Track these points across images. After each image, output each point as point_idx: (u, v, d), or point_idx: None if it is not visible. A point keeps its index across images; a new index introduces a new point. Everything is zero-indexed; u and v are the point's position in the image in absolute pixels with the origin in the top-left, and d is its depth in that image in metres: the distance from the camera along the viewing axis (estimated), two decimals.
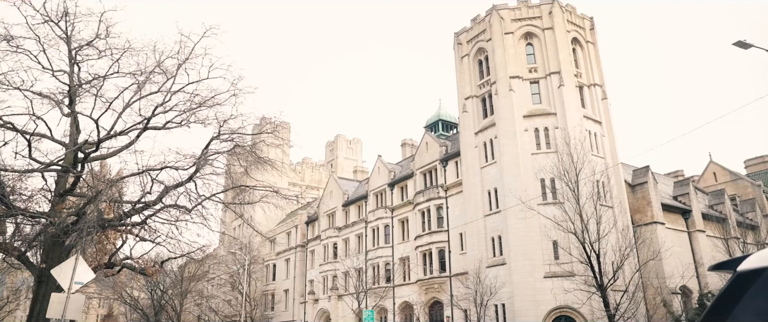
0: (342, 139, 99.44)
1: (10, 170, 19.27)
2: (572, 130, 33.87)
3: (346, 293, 47.42)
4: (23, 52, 18.37)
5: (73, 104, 19.52)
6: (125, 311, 78.80)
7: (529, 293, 32.78)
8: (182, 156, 20.87)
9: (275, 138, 23.81)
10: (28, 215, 19.10)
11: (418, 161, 46.16)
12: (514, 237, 34.36)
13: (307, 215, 61.93)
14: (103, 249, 22.72)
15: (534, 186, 34.34)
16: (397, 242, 46.23)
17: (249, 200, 24.05)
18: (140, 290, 65.50)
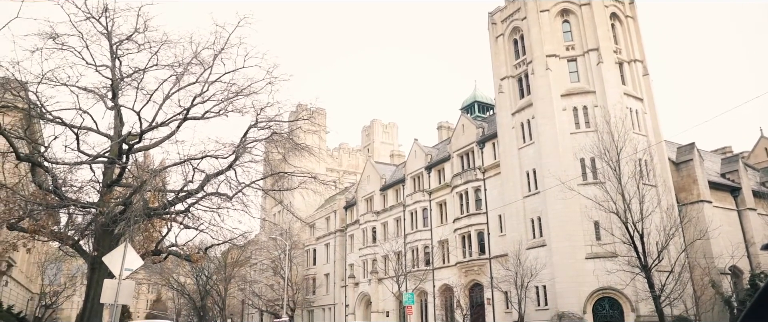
0: (378, 124, 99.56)
1: (61, 163, 20.07)
2: (612, 108, 33.01)
3: (385, 276, 47.82)
4: (68, 49, 19.00)
5: (116, 97, 20.13)
6: (173, 296, 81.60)
7: (571, 275, 32.38)
8: (222, 145, 21.35)
9: (312, 124, 24.05)
10: (80, 206, 19.88)
11: (455, 143, 45.87)
12: (554, 218, 33.91)
13: (345, 199, 62.48)
14: (149, 237, 23.51)
15: (573, 166, 33.72)
16: (436, 225, 46.24)
17: (288, 187, 24.41)
18: (186, 275, 67.65)
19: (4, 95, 18.00)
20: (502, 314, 37.41)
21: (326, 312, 60.25)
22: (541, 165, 35.32)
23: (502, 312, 37.51)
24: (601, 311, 31.98)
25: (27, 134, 20.73)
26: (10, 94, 18.15)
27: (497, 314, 37.95)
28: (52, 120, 18.98)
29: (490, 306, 38.55)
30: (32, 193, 20.14)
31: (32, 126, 23.37)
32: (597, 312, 32.03)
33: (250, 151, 21.97)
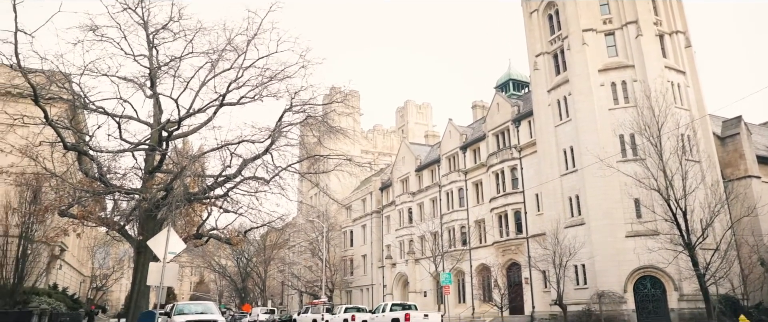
0: (412, 105, 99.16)
1: (105, 151, 20.77)
2: (653, 83, 31.99)
3: (422, 256, 48.02)
4: (107, 40, 19.52)
5: (155, 86, 20.62)
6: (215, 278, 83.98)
7: (610, 253, 31.85)
8: (257, 129, 21.71)
9: (346, 107, 24.20)
10: (124, 192, 20.59)
11: (490, 122, 45.37)
12: (592, 196, 33.31)
13: (380, 181, 62.73)
14: (191, 221, 24.19)
15: (612, 143, 32.94)
16: (472, 204, 46.05)
17: (323, 169, 24.69)
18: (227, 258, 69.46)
19: (50, 88, 18.65)
20: (541, 293, 37.17)
21: (364, 292, 61.01)
22: (579, 142, 34.64)
23: (540, 291, 37.27)
24: (642, 290, 31.43)
25: (72, 124, 21.49)
26: (56, 86, 18.80)
27: (535, 293, 37.73)
28: (95, 110, 19.61)
29: (528, 285, 38.34)
30: (80, 180, 20.94)
31: (77, 116, 24.21)
32: (638, 291, 31.48)
33: (286, 135, 22.29)
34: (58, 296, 29.16)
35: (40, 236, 24.65)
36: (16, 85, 18.26)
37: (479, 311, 41.84)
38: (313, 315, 38.01)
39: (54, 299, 26.60)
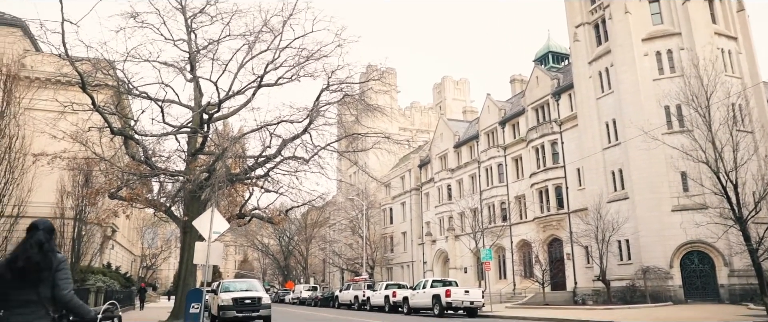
0: (449, 81, 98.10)
1: (149, 135, 21.37)
2: (701, 50, 30.67)
3: (462, 233, 47.94)
4: (147, 26, 19.92)
5: (194, 70, 20.99)
6: (258, 256, 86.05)
7: (656, 228, 31.10)
8: (296, 109, 21.92)
9: (382, 84, 24.15)
10: (169, 174, 21.18)
11: (529, 96, 44.52)
12: (636, 170, 32.46)
13: (419, 158, 62.63)
14: (233, 201, 24.75)
15: (657, 114, 31.88)
16: (512, 180, 45.56)
17: (362, 147, 24.80)
18: (269, 237, 70.97)
19: (96, 75, 19.24)
20: (583, 269, 36.70)
21: (405, 269, 61.50)
22: (622, 115, 33.68)
23: (582, 267, 36.80)
24: (689, 266, 30.65)
25: (118, 110, 22.17)
26: (101, 73, 19.37)
27: (578, 269, 37.26)
28: (138, 95, 20.15)
29: (570, 261, 37.87)
30: (127, 164, 21.65)
31: (122, 102, 24.97)
32: (685, 266, 30.72)
33: (324, 115, 22.44)
34: (111, 275, 30.48)
35: (92, 218, 25.72)
36: (64, 73, 18.92)
37: (520, 287, 41.66)
38: (354, 292, 38.59)
39: (108, 278, 27.83)
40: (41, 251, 4.31)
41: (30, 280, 4.22)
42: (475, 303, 26.41)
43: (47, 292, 4.26)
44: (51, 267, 4.28)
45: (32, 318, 4.18)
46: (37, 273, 4.22)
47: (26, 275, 4.21)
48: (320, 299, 45.90)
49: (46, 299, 4.24)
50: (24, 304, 4.19)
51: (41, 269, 4.24)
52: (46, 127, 19.23)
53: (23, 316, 4.16)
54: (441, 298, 26.18)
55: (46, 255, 4.31)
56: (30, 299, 4.21)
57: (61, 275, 4.32)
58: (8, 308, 4.18)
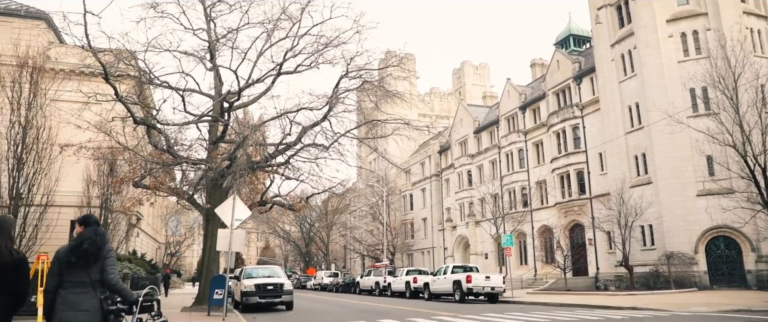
0: (468, 66, 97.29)
1: (171, 124, 21.63)
2: (728, 31, 29.87)
3: (483, 218, 47.82)
4: (167, 16, 20.05)
5: (214, 58, 21.12)
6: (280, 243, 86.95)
7: (680, 213, 30.64)
8: (315, 97, 21.97)
9: (402, 70, 24.03)
10: (191, 163, 21.45)
11: (550, 80, 43.96)
12: (660, 154, 31.94)
13: (439, 144, 62.44)
14: (255, 189, 25.00)
15: (682, 97, 31.23)
16: (533, 165, 45.21)
17: (382, 134, 24.80)
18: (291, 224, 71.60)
19: (118, 65, 19.49)
20: (605, 254, 36.37)
21: (425, 255, 61.64)
22: (645, 98, 33.08)
23: (604, 252, 36.47)
24: (715, 251, 30.18)
25: (140, 99, 22.46)
26: (123, 63, 19.62)
27: (600, 254, 36.94)
28: (160, 84, 20.37)
29: (592, 247, 37.56)
30: (150, 153, 21.97)
31: (144, 91, 25.28)
32: (710, 252, 30.25)
33: (343, 102, 22.44)
34: (137, 262, 31.11)
35: (117, 206, 26.23)
36: (88, 65, 19.22)
37: (541, 272, 41.50)
38: (375, 278, 38.83)
39: (134, 264, 28.41)
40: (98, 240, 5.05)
41: (86, 264, 4.95)
42: (496, 289, 26.41)
43: (96, 275, 4.98)
44: (102, 253, 5.02)
45: (84, 298, 4.89)
46: (95, 258, 4.97)
47: (87, 259, 4.95)
48: (341, 285, 46.29)
49: (95, 281, 4.97)
50: (77, 285, 4.92)
51: (98, 255, 4.99)
52: (71, 117, 19.59)
53: (76, 295, 4.88)
54: (462, 284, 26.22)
55: (101, 243, 5.06)
56: (82, 281, 4.94)
57: (108, 261, 5.04)
58: (65, 287, 4.92)
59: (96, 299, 4.95)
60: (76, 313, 4.85)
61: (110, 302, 5.04)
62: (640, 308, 19.19)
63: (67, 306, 4.86)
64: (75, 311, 4.85)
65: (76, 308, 4.85)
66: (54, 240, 23.48)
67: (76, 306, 4.86)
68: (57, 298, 4.89)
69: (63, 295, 4.91)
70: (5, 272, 4.78)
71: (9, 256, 4.86)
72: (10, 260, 4.83)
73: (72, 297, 4.88)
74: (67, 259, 4.95)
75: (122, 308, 5.17)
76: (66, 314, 4.85)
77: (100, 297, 4.97)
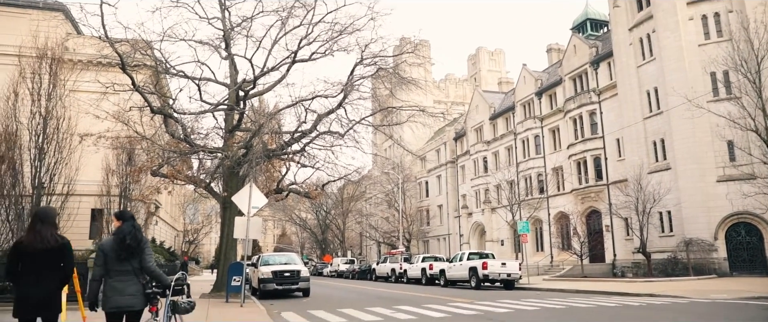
0: (484, 52, 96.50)
1: (187, 113, 21.80)
2: (752, 12, 29.16)
3: (499, 205, 47.66)
4: (182, 5, 20.11)
5: (229, 47, 21.18)
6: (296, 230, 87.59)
7: (699, 199, 30.23)
8: (330, 84, 21.98)
9: (416, 57, 23.90)
10: (207, 151, 21.63)
11: (566, 65, 43.44)
12: (679, 139, 31.48)
13: (454, 131, 62.21)
14: (271, 177, 25.15)
15: (703, 81, 30.66)
16: (549, 152, 44.87)
17: (397, 121, 24.76)
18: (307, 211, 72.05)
19: (134, 55, 19.64)
20: (622, 241, 36.09)
21: (441, 242, 61.71)
22: (664, 82, 32.55)
23: (621, 239, 36.19)
24: (735, 238, 29.77)
25: (157, 89, 22.64)
26: (139, 53, 19.76)
27: (617, 241, 36.68)
28: (176, 74, 20.49)
29: (609, 233, 37.29)
30: (167, 142, 22.17)
31: (160, 81, 25.48)
32: (731, 238, 29.85)
33: (358, 89, 22.41)
34: (156, 249, 31.58)
35: (136, 194, 26.57)
36: (105, 55, 19.37)
37: (558, 259, 41.35)
38: (391, 265, 39.00)
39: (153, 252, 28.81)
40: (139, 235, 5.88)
41: (130, 256, 5.77)
42: (512, 275, 26.37)
43: (137, 264, 5.83)
44: (142, 245, 5.87)
45: (128, 284, 5.75)
46: (136, 249, 5.79)
47: (131, 253, 5.78)
48: (358, 272, 46.59)
49: (136, 269, 5.83)
50: (122, 273, 5.76)
51: (138, 245, 5.81)
52: (90, 107, 19.82)
53: (121, 282, 5.73)
54: (478, 270, 26.23)
55: (140, 237, 5.88)
56: (125, 269, 5.77)
57: (146, 251, 5.90)
58: (111, 276, 5.75)
59: (139, 285, 5.81)
60: (123, 297, 5.69)
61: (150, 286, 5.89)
62: (658, 294, 19.05)
63: (114, 292, 5.69)
64: (122, 296, 5.68)
65: (123, 293, 5.69)
66: (75, 228, 23.91)
67: (122, 292, 5.69)
68: (104, 286, 5.73)
69: (110, 283, 5.73)
70: (53, 255, 5.66)
71: (55, 241, 5.70)
72: (56, 245, 5.68)
73: (118, 284, 5.71)
74: (114, 253, 5.76)
75: (157, 291, 5.96)
76: (114, 299, 5.67)
77: (142, 283, 5.83)
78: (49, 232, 5.70)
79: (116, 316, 5.76)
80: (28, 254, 5.58)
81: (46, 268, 5.63)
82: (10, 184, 21.05)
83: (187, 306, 6.37)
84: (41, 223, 5.75)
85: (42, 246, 5.60)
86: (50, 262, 5.64)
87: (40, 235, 5.65)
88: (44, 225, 5.73)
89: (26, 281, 5.54)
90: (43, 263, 5.61)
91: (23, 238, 5.83)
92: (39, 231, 5.68)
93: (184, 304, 6.35)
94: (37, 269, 5.58)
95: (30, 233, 5.75)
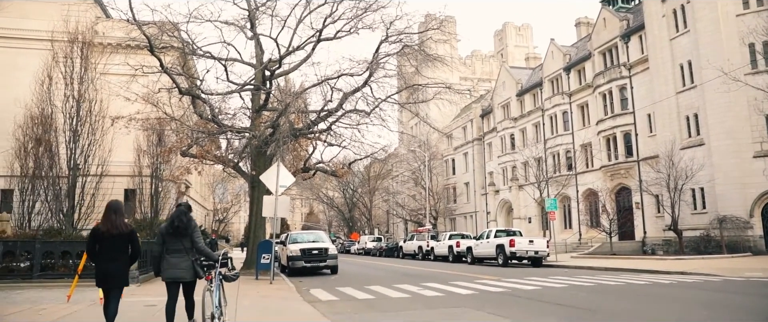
0: (510, 27, 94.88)
1: (215, 94, 22.03)
2: None
3: (526, 182, 47.26)
4: None
5: (254, 27, 21.23)
6: (324, 209, 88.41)
7: (734, 176, 29.48)
8: (355, 62, 21.90)
9: (442, 34, 23.61)
10: (235, 131, 21.88)
11: (596, 39, 42.41)
12: (713, 114, 30.63)
13: (481, 108, 61.63)
14: (298, 156, 25.35)
15: (740, 53, 29.62)
16: (577, 128, 44.15)
17: (423, 98, 24.63)
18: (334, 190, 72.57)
19: (162, 37, 19.86)
20: (653, 218, 35.51)
21: (468, 220, 61.65)
22: (699, 55, 31.57)
23: (652, 216, 35.60)
24: None
25: (184, 70, 22.90)
26: (167, 35, 19.97)
27: (647, 218, 36.10)
28: (202, 55, 20.68)
29: (639, 210, 36.71)
30: (195, 123, 22.49)
31: (187, 62, 25.75)
32: (767, 216, 29.11)
33: (383, 67, 22.30)
34: None
35: (167, 175, 27.10)
36: (133, 38, 19.64)
37: (586, 236, 40.94)
38: (418, 242, 39.17)
39: None
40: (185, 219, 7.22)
41: (181, 236, 7.14)
42: (540, 253, 26.26)
43: (188, 243, 7.19)
44: (190, 228, 7.20)
45: (181, 260, 7.13)
46: (184, 231, 7.14)
47: (180, 233, 7.14)
48: (385, 250, 46.94)
49: (187, 248, 7.19)
50: (176, 251, 7.15)
51: (186, 228, 7.16)
52: (120, 90, 20.18)
53: (175, 258, 7.13)
54: (505, 248, 26.19)
55: (189, 221, 7.24)
56: (179, 248, 7.16)
57: (195, 233, 7.24)
58: (167, 253, 7.16)
59: (189, 261, 7.13)
60: (177, 270, 7.10)
61: (200, 262, 7.21)
62: (690, 272, 18.77)
63: (171, 266, 7.12)
64: (176, 269, 7.10)
65: (177, 267, 7.10)
66: None
67: (176, 266, 7.10)
68: (163, 261, 7.17)
69: (167, 258, 7.14)
70: (123, 239, 7.01)
71: (125, 228, 7.05)
72: (126, 231, 7.03)
73: (173, 259, 7.11)
74: (167, 232, 7.20)
75: (206, 264, 7.27)
76: (170, 271, 7.13)
77: (192, 259, 7.14)
78: (120, 220, 7.04)
79: (172, 285, 7.20)
80: (105, 238, 6.94)
81: (118, 249, 6.98)
82: (48, 165, 21.69)
83: (232, 276, 7.60)
84: (114, 213, 7.05)
85: (116, 232, 6.94)
86: (121, 244, 6.99)
87: (113, 223, 6.96)
88: (117, 215, 7.05)
89: (103, 259, 6.92)
90: (116, 245, 6.96)
91: (100, 225, 7.18)
92: (113, 220, 6.98)
93: (230, 274, 7.55)
94: (111, 250, 6.94)
95: (105, 221, 7.04)
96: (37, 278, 14.84)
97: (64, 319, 8.98)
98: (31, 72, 23.16)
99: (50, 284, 14.38)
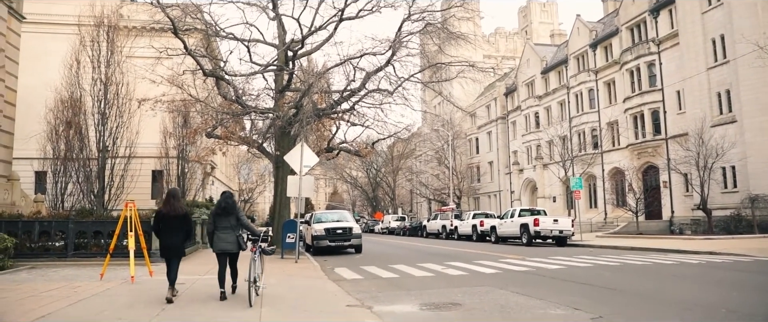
0: (535, 4, 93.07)
1: (238, 75, 22.18)
2: None
3: (551, 161, 46.82)
4: None
5: (276, 7, 21.22)
6: (347, 188, 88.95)
7: None
8: (378, 42, 21.76)
9: (465, 11, 23.27)
10: (259, 112, 22.03)
11: (624, 14, 41.36)
12: (747, 90, 29.75)
13: (505, 86, 60.90)
14: (321, 136, 25.46)
15: None
16: (603, 106, 43.38)
17: (446, 77, 24.42)
18: (358, 169, 72.87)
19: (185, 19, 19.99)
20: (681, 197, 34.89)
21: (492, 199, 61.43)
22: (732, 29, 30.59)
23: (680, 195, 34.99)
24: None
25: (208, 52, 23.06)
26: (190, 17, 20.10)
27: (675, 197, 35.49)
28: (225, 36, 20.77)
29: (667, 189, 36.09)
30: (220, 104, 22.72)
31: (210, 44, 25.91)
32: None
33: (406, 45, 22.11)
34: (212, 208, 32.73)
35: (193, 156, 27.53)
36: (157, 20, 19.82)
37: (612, 216, 40.48)
38: (442, 221, 39.21)
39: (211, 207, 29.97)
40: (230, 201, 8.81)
41: (228, 215, 8.69)
42: (565, 232, 26.09)
43: (234, 221, 8.75)
44: (235, 209, 8.77)
45: (228, 235, 8.67)
46: (231, 209, 8.70)
47: (227, 212, 8.70)
48: (408, 229, 47.13)
49: (234, 225, 8.74)
50: (224, 228, 8.71)
51: (232, 208, 8.73)
52: (146, 73, 20.45)
53: (224, 233, 8.67)
54: (529, 227, 26.07)
55: (232, 203, 8.81)
56: (226, 225, 8.72)
57: (239, 212, 8.79)
58: (218, 229, 8.70)
59: (235, 236, 8.68)
60: (225, 244, 8.62)
61: (244, 237, 8.80)
62: (719, 252, 18.45)
63: (220, 240, 8.64)
64: (224, 243, 8.62)
65: (225, 241, 8.63)
66: (138, 189, 25.11)
67: (224, 240, 8.63)
68: (214, 236, 8.65)
69: (217, 234, 8.67)
70: (180, 220, 8.83)
71: (182, 210, 8.88)
72: (182, 213, 8.88)
73: (222, 234, 8.66)
74: (217, 213, 8.79)
75: (251, 238, 8.81)
76: (219, 245, 8.64)
77: (236, 235, 8.70)
78: (178, 204, 8.87)
79: (222, 255, 8.71)
80: (166, 218, 8.76)
81: (177, 227, 8.80)
82: (78, 148, 22.22)
83: (269, 251, 9.09)
84: (173, 198, 8.93)
85: (174, 213, 8.76)
86: (179, 224, 8.82)
87: (173, 206, 8.79)
88: (176, 199, 8.92)
89: (166, 235, 8.79)
90: (175, 224, 8.78)
91: (162, 208, 9.01)
92: (172, 204, 8.80)
93: (268, 249, 8.98)
94: (171, 228, 8.77)
95: (167, 204, 8.86)
96: (72, 256, 15.32)
97: (98, 295, 9.28)
98: (60, 56, 23.63)
99: (84, 263, 14.85)
